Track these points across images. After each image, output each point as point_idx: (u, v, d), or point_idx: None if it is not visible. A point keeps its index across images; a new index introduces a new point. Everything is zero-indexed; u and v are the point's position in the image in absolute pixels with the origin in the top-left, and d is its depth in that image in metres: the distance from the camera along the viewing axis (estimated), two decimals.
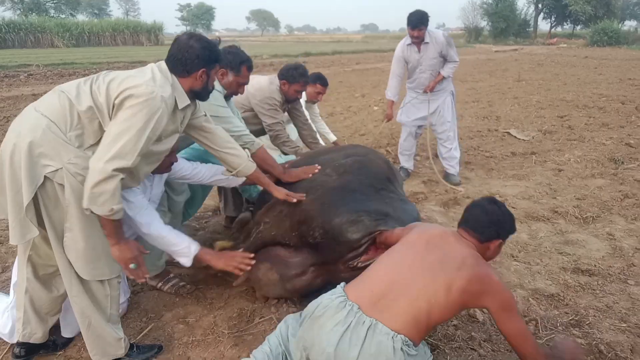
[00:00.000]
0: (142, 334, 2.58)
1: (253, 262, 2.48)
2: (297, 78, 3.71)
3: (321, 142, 4.50)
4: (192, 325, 2.67)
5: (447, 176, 5.24)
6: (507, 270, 3.29)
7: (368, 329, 1.80)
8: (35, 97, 9.79)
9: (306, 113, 4.36)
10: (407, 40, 4.92)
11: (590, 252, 3.56)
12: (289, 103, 3.93)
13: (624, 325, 2.66)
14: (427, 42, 4.82)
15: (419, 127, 5.33)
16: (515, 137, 7.28)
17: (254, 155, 2.78)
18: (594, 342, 2.48)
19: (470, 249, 1.99)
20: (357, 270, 2.43)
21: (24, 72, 16.05)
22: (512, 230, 2.10)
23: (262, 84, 3.75)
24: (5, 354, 2.42)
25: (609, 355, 2.40)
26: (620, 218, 4.16)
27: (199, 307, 2.85)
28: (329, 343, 1.81)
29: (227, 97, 3.08)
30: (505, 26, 50.33)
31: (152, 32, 48.56)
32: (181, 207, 3.06)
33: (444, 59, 4.90)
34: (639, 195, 4.65)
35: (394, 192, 2.93)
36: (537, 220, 4.15)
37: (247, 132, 2.88)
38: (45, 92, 2.16)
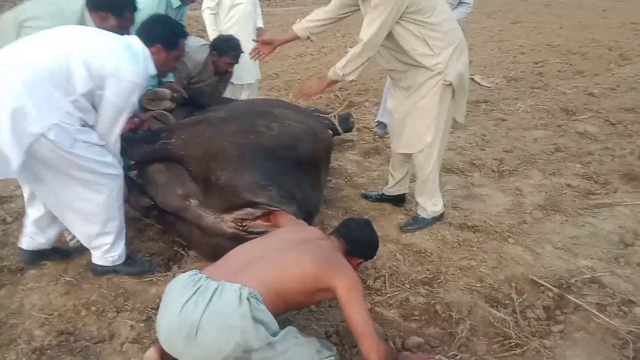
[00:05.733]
0: None
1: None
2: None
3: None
4: (43, 271, 2.65)
5: None
6: (389, 223, 3.20)
7: (215, 290, 1.71)
8: None
9: None
10: None
11: (487, 207, 3.44)
12: None
13: (478, 285, 2.60)
14: None
15: None
16: (478, 83, 6.95)
17: None
18: (432, 302, 2.42)
19: (333, 245, 2.04)
20: (243, 233, 2.46)
21: None
22: (373, 255, 2.24)
23: None
24: None
25: (443, 315, 2.35)
26: (538, 172, 3.99)
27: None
28: (172, 313, 1.71)
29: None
30: None
31: None
32: None
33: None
34: (573, 149, 4.45)
35: (315, 178, 2.92)
36: (450, 173, 4.01)
37: None
38: None
